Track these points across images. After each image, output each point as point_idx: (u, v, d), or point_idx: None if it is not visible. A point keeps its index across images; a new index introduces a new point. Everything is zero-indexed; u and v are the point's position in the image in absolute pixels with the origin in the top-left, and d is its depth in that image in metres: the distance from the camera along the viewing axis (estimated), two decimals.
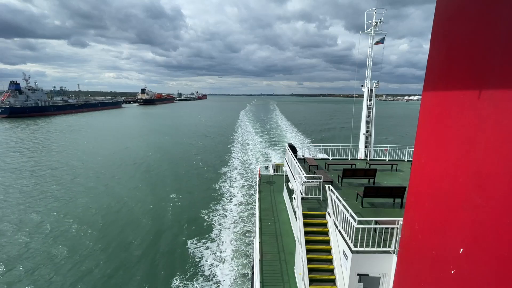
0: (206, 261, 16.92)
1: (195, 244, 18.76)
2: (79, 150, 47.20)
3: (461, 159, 2.53)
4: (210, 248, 18.19)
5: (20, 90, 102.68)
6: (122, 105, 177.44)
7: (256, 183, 19.30)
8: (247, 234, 19.62)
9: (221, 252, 17.73)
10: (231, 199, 25.72)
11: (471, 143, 2.43)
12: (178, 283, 15.22)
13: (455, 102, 2.65)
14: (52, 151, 46.77)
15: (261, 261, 10.41)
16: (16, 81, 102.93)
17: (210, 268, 16.24)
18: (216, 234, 19.73)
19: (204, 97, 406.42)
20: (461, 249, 2.46)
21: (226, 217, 22.15)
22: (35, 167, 36.51)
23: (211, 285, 15.04)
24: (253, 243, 16.55)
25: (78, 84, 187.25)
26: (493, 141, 2.22)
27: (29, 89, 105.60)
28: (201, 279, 15.45)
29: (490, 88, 2.26)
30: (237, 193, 27.18)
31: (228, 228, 20.32)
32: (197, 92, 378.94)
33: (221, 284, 15.04)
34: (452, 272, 2.57)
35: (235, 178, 31.41)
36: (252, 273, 13.22)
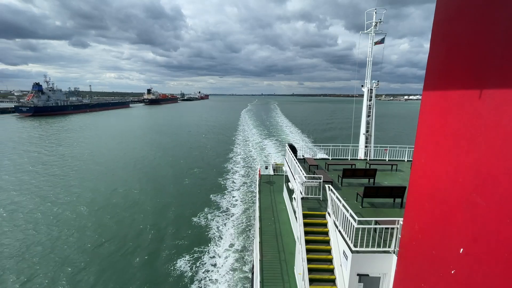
0: (222, 205, 25.14)
1: (214, 196, 26.83)
2: (104, 144, 53.64)
3: (461, 159, 2.52)
4: (224, 199, 26.63)
5: (42, 91, 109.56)
6: (130, 105, 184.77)
7: (256, 183, 19.31)
8: (248, 194, 27.61)
9: (232, 200, 26.39)
10: (235, 173, 35.78)
11: (471, 143, 2.42)
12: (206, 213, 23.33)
13: (455, 102, 2.64)
14: (84, 143, 53.92)
15: (261, 261, 10.41)
16: (38, 82, 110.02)
17: (226, 206, 24.89)
18: (228, 196, 27.68)
19: (206, 97, 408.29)
20: (461, 249, 2.46)
21: (235, 183, 31.75)
22: (77, 155, 43.62)
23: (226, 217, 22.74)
24: (253, 243, 16.60)
25: (90, 85, 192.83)
26: (493, 141, 2.21)
27: (50, 90, 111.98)
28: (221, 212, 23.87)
29: (490, 88, 2.25)
30: (240, 170, 37.13)
31: (238, 189, 29.61)
32: (199, 92, 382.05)
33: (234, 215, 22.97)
34: (452, 272, 2.57)
35: (239, 161, 41.59)
36: (252, 273, 13.21)
